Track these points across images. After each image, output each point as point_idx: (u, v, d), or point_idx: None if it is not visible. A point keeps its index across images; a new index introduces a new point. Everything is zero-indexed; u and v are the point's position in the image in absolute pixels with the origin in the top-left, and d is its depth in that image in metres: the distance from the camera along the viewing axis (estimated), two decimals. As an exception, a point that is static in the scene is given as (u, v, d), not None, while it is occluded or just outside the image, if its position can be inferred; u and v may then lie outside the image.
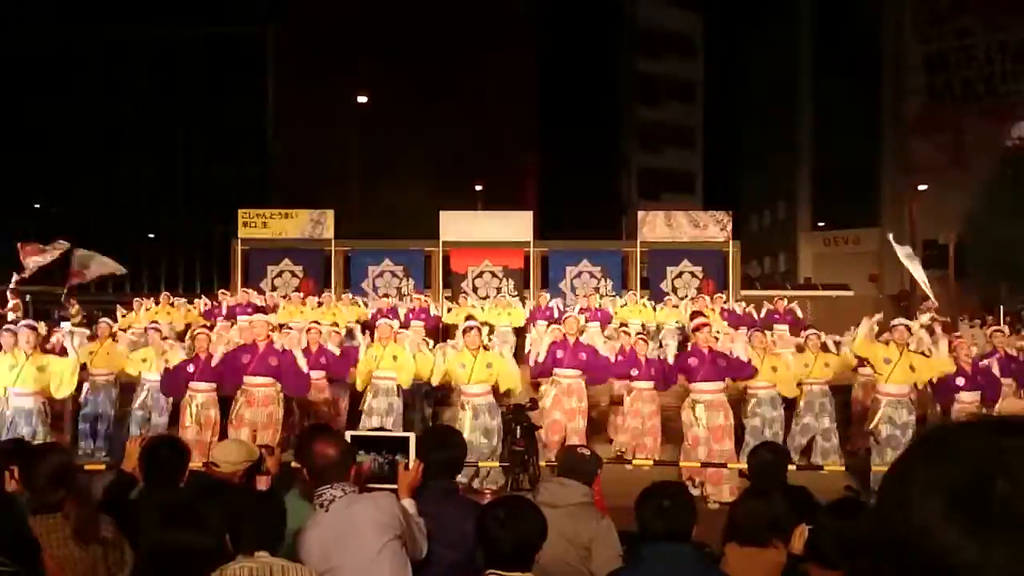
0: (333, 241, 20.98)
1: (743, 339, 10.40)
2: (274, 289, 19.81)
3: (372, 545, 3.26)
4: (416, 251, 21.13)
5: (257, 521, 3.13)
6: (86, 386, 11.30)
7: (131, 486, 4.13)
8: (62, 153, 49.12)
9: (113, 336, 11.94)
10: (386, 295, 18.49)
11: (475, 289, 20.10)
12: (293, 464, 4.25)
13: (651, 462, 9.38)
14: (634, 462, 9.54)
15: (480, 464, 9.17)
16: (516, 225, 21.23)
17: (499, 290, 19.73)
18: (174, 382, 9.92)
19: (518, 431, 8.03)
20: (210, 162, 50.47)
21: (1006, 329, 11.70)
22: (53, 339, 11.52)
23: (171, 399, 10.68)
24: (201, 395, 9.70)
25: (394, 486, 3.66)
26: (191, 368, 9.83)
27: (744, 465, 9.16)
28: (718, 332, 11.62)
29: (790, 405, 10.85)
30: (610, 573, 3.49)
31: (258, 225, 21.10)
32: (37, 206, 48.21)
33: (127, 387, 11.66)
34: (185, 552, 2.85)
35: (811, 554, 3.33)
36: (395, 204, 38.25)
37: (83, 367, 10.82)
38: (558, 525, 3.78)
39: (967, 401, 9.64)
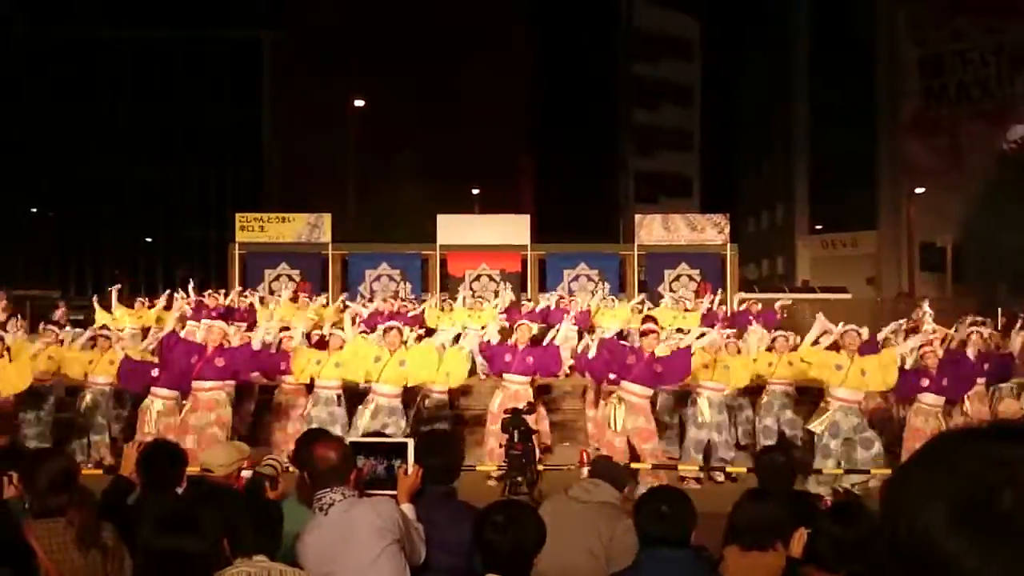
0: (330, 245, 20.98)
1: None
2: (271, 293, 19.80)
3: (371, 549, 3.25)
4: (413, 255, 21.13)
5: (254, 526, 3.12)
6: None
7: (128, 491, 4.13)
8: (58, 157, 49.10)
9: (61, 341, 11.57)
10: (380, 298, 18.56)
11: (472, 293, 20.08)
12: (291, 469, 4.24)
13: (649, 466, 9.37)
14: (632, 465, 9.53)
15: (479, 468, 9.17)
16: (513, 228, 21.25)
17: (496, 294, 19.71)
18: (132, 375, 9.82)
19: (515, 435, 8.01)
20: (207, 166, 50.47)
21: (984, 331, 11.64)
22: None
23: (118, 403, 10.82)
24: (161, 401, 9.53)
25: (393, 491, 3.65)
26: (155, 372, 9.66)
27: (741, 468, 9.20)
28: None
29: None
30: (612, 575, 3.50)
31: (255, 229, 21.10)
32: (34, 210, 48.25)
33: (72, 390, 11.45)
34: (182, 557, 2.84)
35: (810, 558, 3.32)
36: (392, 208, 38.25)
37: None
38: (587, 519, 3.92)
39: (928, 403, 9.68)
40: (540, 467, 8.86)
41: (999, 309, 15.24)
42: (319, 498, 3.38)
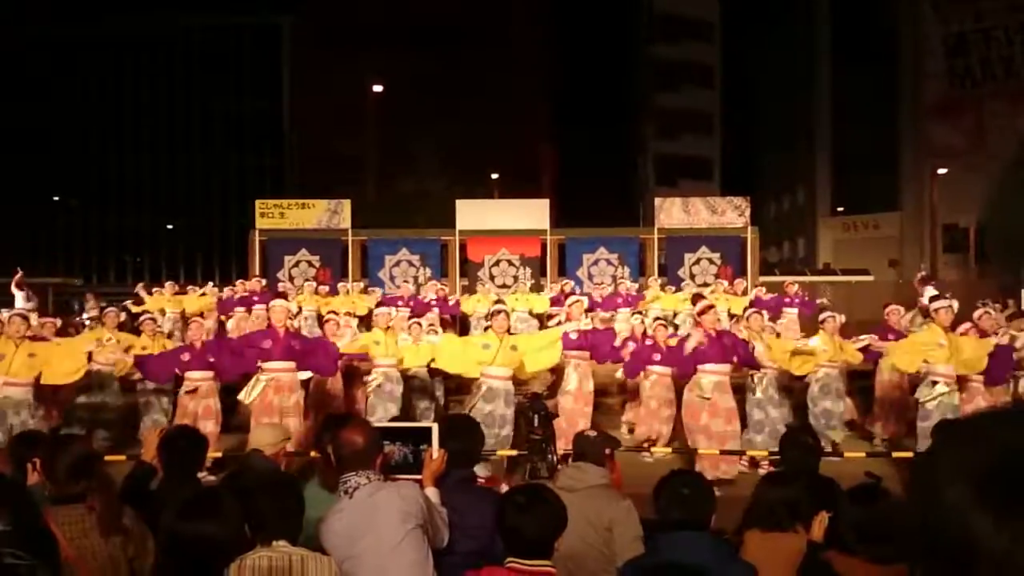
0: (350, 231, 21.01)
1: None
2: (291, 279, 19.93)
3: (395, 533, 3.26)
4: (433, 240, 21.14)
5: (276, 511, 3.14)
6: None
7: (150, 476, 4.16)
8: (79, 145, 49.43)
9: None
10: (405, 281, 18.62)
11: (492, 277, 20.12)
12: (312, 454, 4.27)
13: (670, 450, 9.34)
14: (653, 450, 9.50)
15: (499, 452, 9.16)
16: (532, 213, 21.20)
17: (516, 279, 19.71)
18: (160, 367, 9.70)
19: (536, 419, 7.99)
20: (227, 153, 50.71)
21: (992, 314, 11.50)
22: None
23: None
24: (198, 384, 9.45)
25: (418, 476, 3.67)
26: (186, 356, 9.52)
27: (759, 452, 9.16)
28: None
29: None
30: (629, 560, 3.49)
31: (275, 216, 21.16)
32: (56, 199, 48.64)
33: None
34: (203, 543, 2.86)
35: (831, 541, 3.31)
36: (412, 193, 38.34)
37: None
38: (579, 507, 3.80)
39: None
40: (561, 451, 8.83)
41: (1022, 291, 15.13)
42: (344, 481, 3.39)
